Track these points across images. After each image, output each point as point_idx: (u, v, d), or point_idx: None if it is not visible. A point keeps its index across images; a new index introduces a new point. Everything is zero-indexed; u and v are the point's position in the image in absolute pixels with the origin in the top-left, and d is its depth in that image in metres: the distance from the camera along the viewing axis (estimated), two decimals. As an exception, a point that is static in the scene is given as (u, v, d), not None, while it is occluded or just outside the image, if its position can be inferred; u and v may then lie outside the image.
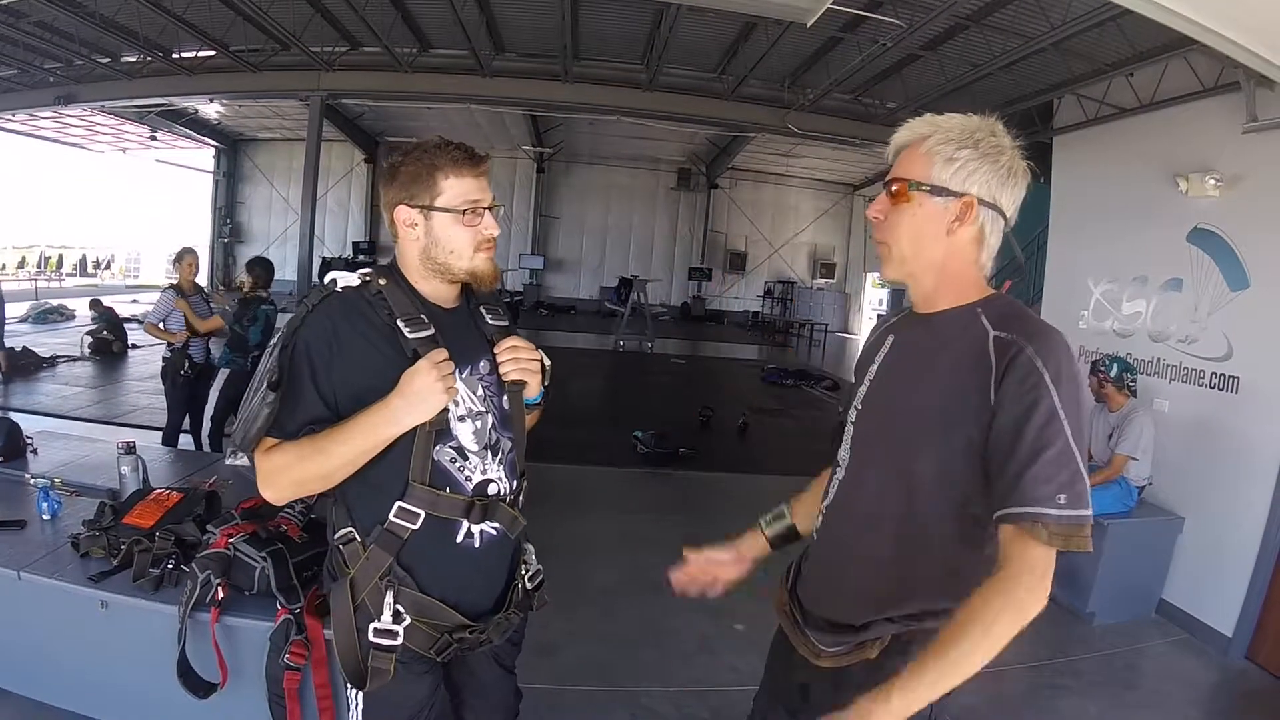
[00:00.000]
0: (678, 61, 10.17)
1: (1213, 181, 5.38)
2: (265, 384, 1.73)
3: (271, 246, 23.98)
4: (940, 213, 1.58)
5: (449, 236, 1.84)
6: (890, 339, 1.77)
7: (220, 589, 2.53)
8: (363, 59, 10.79)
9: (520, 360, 1.93)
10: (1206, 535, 5.16)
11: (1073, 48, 6.89)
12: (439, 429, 1.81)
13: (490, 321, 2.00)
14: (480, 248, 1.86)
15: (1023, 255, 1.78)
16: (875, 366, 1.76)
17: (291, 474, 1.76)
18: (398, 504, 1.79)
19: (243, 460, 3.70)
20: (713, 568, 2.04)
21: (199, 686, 2.44)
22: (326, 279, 1.87)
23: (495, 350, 1.95)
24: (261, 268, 6.75)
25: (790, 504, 2.06)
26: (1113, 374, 5.35)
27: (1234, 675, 4.73)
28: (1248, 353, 5.08)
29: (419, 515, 1.80)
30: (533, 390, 2.00)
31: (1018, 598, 1.39)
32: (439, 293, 1.92)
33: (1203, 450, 5.28)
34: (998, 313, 1.57)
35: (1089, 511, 1.41)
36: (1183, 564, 5.29)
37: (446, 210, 1.82)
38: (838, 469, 1.78)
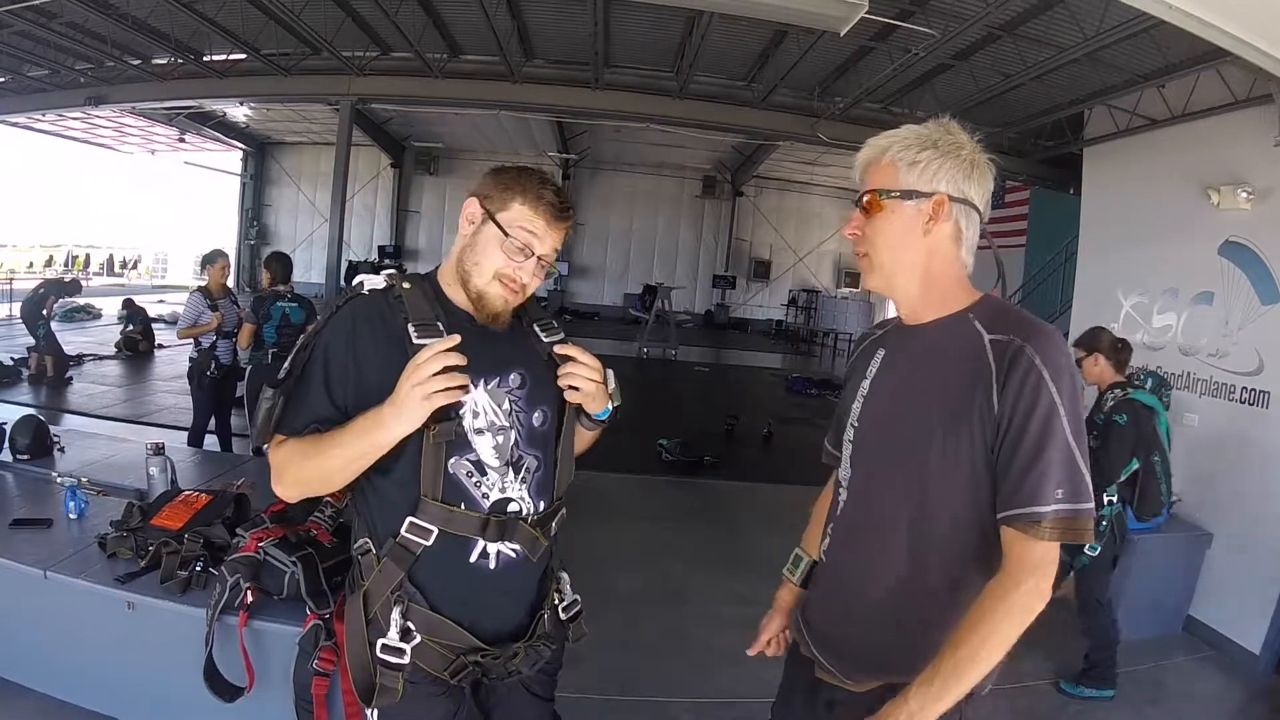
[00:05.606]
0: (708, 69, 10.16)
1: (1244, 194, 5.34)
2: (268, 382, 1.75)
3: (298, 249, 24.15)
4: (914, 215, 1.62)
5: (484, 249, 1.81)
6: (880, 353, 1.79)
7: (249, 593, 2.55)
8: (393, 64, 10.83)
9: (578, 373, 1.86)
10: (1235, 551, 5.09)
11: (1105, 58, 6.84)
12: (452, 440, 1.74)
13: (545, 339, 1.94)
14: (502, 279, 1.81)
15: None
16: (867, 381, 1.77)
17: (292, 471, 1.74)
18: (409, 519, 1.74)
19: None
20: (773, 632, 2.11)
21: (225, 690, 2.45)
22: (354, 282, 1.84)
23: (557, 352, 1.88)
24: (279, 263, 6.71)
25: (802, 544, 2.08)
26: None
27: (1261, 693, 4.68)
28: (1279, 368, 5.03)
29: (432, 532, 1.74)
30: (593, 405, 1.92)
31: (1018, 599, 1.44)
32: (469, 301, 1.86)
33: (1232, 466, 5.23)
34: (989, 315, 1.59)
35: (1089, 504, 1.45)
36: (1211, 580, 5.22)
37: (499, 227, 1.79)
38: (841, 488, 1.80)
